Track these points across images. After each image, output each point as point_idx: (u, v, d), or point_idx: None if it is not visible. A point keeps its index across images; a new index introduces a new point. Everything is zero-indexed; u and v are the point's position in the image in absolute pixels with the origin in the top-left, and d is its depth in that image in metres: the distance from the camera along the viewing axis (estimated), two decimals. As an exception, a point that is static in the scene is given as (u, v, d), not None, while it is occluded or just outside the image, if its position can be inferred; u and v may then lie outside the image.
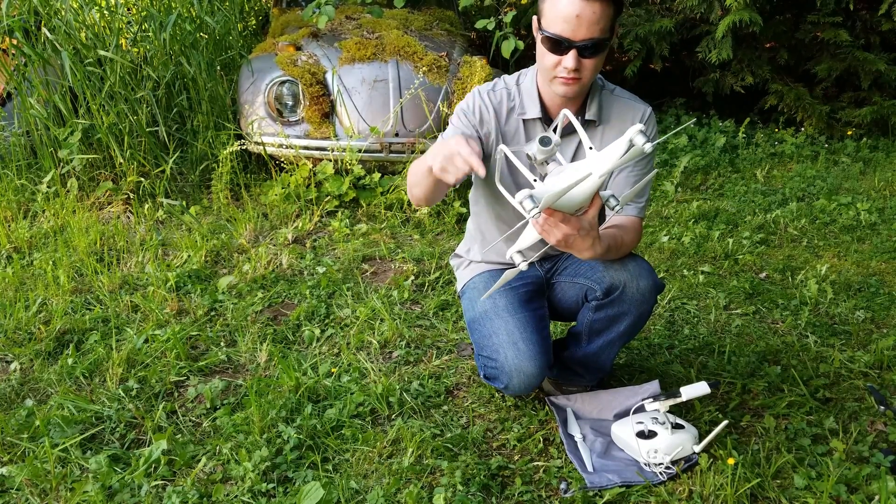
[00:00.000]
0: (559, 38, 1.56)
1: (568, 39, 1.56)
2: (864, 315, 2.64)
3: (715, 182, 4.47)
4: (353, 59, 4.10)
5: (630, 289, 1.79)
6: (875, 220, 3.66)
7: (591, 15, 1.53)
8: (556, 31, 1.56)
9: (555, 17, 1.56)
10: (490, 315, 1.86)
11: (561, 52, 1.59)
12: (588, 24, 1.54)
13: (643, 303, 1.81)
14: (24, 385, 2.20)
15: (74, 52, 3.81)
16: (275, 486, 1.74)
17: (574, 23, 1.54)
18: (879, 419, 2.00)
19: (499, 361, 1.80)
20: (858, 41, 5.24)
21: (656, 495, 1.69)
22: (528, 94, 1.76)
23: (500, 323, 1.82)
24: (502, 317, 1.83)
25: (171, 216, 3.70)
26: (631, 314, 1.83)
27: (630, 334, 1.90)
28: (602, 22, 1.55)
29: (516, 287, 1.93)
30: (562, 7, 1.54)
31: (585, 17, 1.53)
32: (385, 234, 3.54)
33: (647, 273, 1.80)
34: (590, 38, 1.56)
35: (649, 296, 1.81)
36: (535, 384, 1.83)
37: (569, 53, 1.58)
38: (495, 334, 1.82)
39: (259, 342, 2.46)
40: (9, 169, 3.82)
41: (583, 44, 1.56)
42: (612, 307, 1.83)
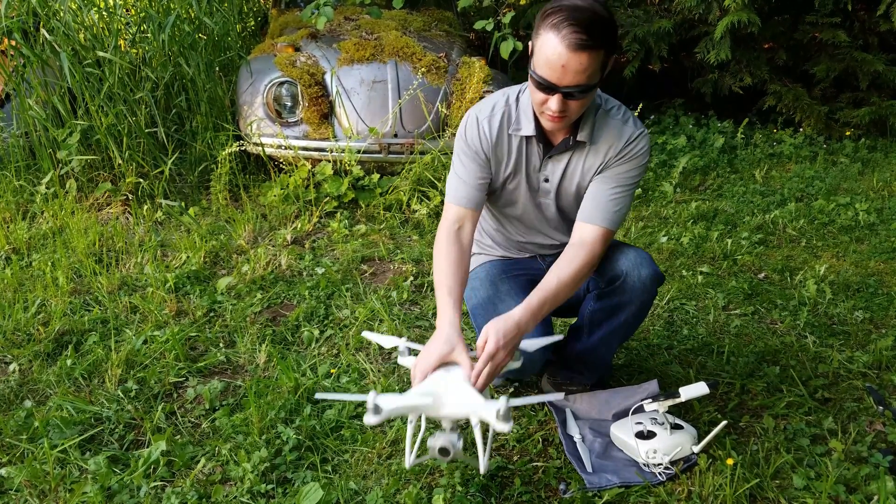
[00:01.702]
0: (545, 81, 1.56)
1: (553, 84, 1.55)
2: (863, 315, 2.64)
3: (714, 182, 4.47)
4: (352, 59, 4.11)
5: (632, 277, 1.81)
6: (873, 221, 3.66)
7: (578, 65, 1.51)
8: (543, 75, 1.56)
9: (543, 61, 1.54)
10: (493, 300, 1.89)
11: (546, 93, 1.59)
12: (574, 73, 1.53)
13: (644, 292, 1.83)
14: (22, 386, 2.20)
15: (73, 53, 3.81)
16: (274, 486, 1.73)
17: (560, 71, 1.53)
18: (878, 419, 2.00)
19: None
20: (857, 42, 5.25)
21: (655, 495, 1.69)
22: (525, 112, 1.76)
23: (503, 307, 1.84)
24: (506, 301, 1.86)
25: (169, 217, 3.70)
26: (633, 304, 1.84)
27: (631, 326, 1.92)
28: (589, 70, 1.52)
29: (518, 275, 1.97)
30: (549, 53, 1.52)
31: (571, 67, 1.52)
32: (384, 235, 3.54)
33: (649, 262, 1.83)
34: (575, 84, 1.54)
35: (650, 285, 1.83)
36: (536, 366, 1.87)
37: (554, 96, 1.58)
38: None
39: (258, 343, 2.46)
40: (7, 170, 3.82)
41: (568, 90, 1.56)
42: (614, 296, 1.85)
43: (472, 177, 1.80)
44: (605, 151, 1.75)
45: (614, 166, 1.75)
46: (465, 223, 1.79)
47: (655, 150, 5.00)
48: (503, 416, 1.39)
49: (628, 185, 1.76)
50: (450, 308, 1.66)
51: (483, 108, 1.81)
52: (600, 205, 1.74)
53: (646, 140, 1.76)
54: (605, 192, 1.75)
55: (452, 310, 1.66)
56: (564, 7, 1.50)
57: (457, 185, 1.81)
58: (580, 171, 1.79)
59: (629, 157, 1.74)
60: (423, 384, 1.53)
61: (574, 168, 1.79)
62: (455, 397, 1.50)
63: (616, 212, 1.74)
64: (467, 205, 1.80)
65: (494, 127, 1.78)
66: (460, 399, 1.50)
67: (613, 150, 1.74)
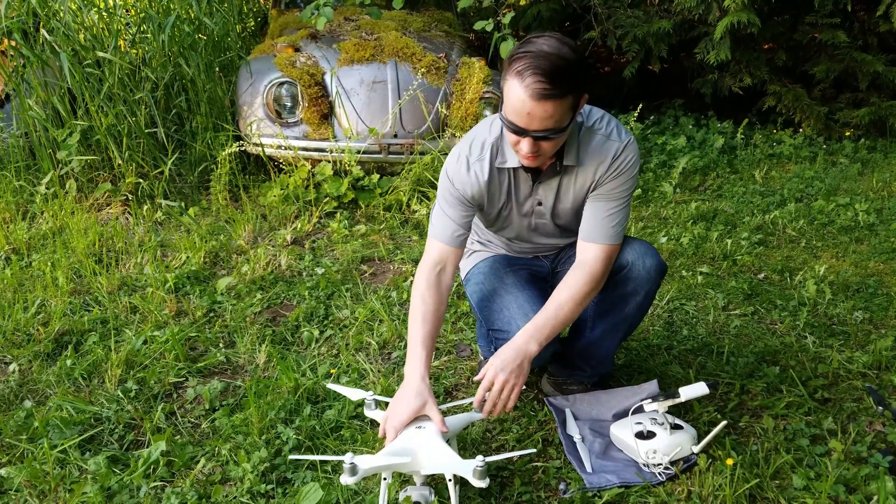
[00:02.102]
0: (514, 126, 1.56)
1: (522, 129, 1.55)
2: (863, 315, 2.64)
3: (713, 183, 4.47)
4: (352, 60, 4.11)
5: (637, 267, 1.82)
6: (873, 221, 3.66)
7: (543, 113, 1.50)
8: (512, 120, 1.55)
9: (510, 107, 1.54)
10: (499, 292, 1.90)
11: (518, 135, 1.58)
12: (541, 120, 1.52)
13: (649, 281, 1.84)
14: (22, 386, 2.20)
15: (73, 53, 3.81)
16: (274, 487, 1.73)
17: (527, 118, 1.52)
18: (878, 420, 2.00)
19: (511, 333, 1.81)
20: (856, 42, 5.25)
21: (655, 496, 1.69)
22: (509, 146, 1.75)
23: (509, 298, 1.87)
24: (511, 292, 1.87)
25: (169, 217, 3.70)
26: (638, 294, 1.85)
27: (634, 319, 1.92)
28: (556, 115, 1.52)
29: (521, 269, 1.98)
30: (514, 101, 1.52)
31: (537, 115, 1.51)
32: (384, 235, 3.54)
33: (653, 253, 1.85)
34: (543, 129, 1.54)
35: (655, 275, 1.84)
36: (544, 355, 1.86)
37: (525, 139, 1.57)
38: (506, 308, 1.86)
39: (258, 343, 2.46)
40: (7, 170, 3.82)
41: (537, 134, 1.55)
42: (620, 287, 1.86)
43: (457, 216, 1.81)
44: (594, 170, 1.74)
45: (606, 183, 1.74)
46: (447, 265, 1.82)
47: (655, 151, 5.00)
48: (480, 474, 1.45)
49: (623, 198, 1.76)
50: (421, 362, 1.70)
51: (472, 147, 1.78)
52: (598, 223, 1.75)
53: (632, 149, 1.74)
54: (602, 210, 1.75)
55: (423, 364, 1.70)
56: (530, 54, 1.49)
57: (443, 223, 1.82)
58: (573, 190, 1.80)
59: (619, 172, 1.73)
60: (398, 442, 1.57)
61: (566, 189, 1.80)
62: (431, 455, 1.54)
63: (614, 227, 1.76)
64: (451, 243, 1.82)
65: (486, 168, 1.77)
66: (437, 457, 1.54)
67: (602, 168, 1.73)
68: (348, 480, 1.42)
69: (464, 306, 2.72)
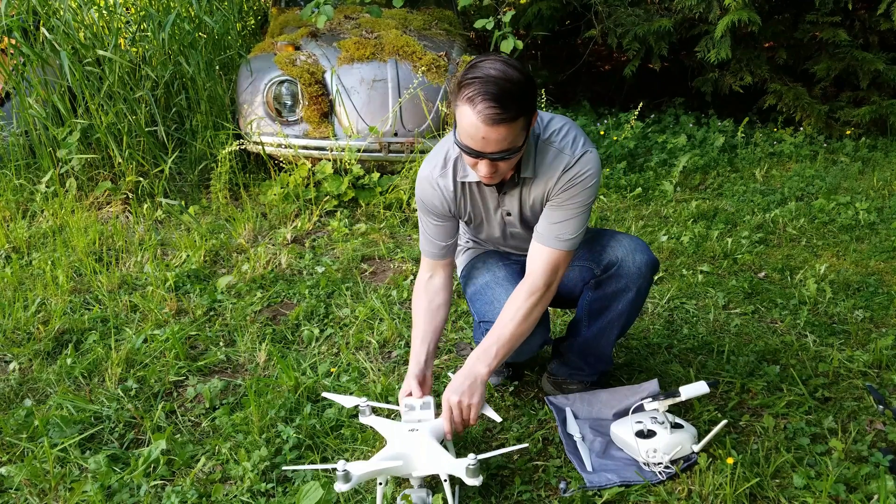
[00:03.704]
0: (469, 150, 1.57)
1: (478, 152, 1.56)
2: (863, 314, 2.64)
3: (714, 182, 4.47)
4: (352, 58, 4.10)
5: (627, 262, 1.84)
6: (874, 220, 3.66)
7: (497, 136, 1.52)
8: (467, 144, 1.57)
9: (462, 132, 1.56)
10: (491, 285, 1.92)
11: (474, 157, 1.59)
12: (496, 142, 1.53)
13: (640, 277, 1.85)
14: (22, 385, 2.20)
15: (73, 51, 3.81)
16: (274, 485, 1.73)
17: (481, 143, 1.54)
18: (878, 418, 2.00)
19: None
20: (857, 41, 5.25)
21: (655, 495, 1.69)
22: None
23: (500, 290, 1.89)
24: (503, 285, 1.89)
25: (169, 216, 3.70)
26: (630, 290, 1.86)
27: (629, 316, 1.93)
28: (510, 136, 1.53)
29: (514, 263, 2.00)
30: (467, 126, 1.53)
31: (492, 139, 1.52)
32: (384, 234, 3.54)
33: (643, 248, 1.86)
34: (499, 151, 1.56)
35: (646, 271, 1.85)
36: (535, 347, 1.91)
37: (482, 161, 1.59)
38: (497, 300, 1.87)
39: (258, 342, 2.46)
40: (7, 169, 3.82)
41: (493, 156, 1.57)
42: (611, 283, 1.87)
43: (436, 231, 1.88)
44: (545, 182, 1.74)
45: (557, 194, 1.74)
46: (437, 273, 1.92)
47: (656, 149, 5.00)
48: (472, 472, 1.47)
49: (575, 208, 1.74)
50: (422, 354, 1.82)
51: (434, 167, 1.81)
52: (548, 227, 1.76)
53: (585, 162, 1.70)
54: (553, 218, 1.75)
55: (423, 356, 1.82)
56: (478, 80, 1.50)
57: (426, 242, 1.91)
58: (531, 200, 1.81)
59: (570, 185, 1.71)
60: (391, 447, 1.60)
61: (527, 198, 1.81)
62: (425, 457, 1.57)
63: (563, 234, 1.74)
64: (439, 259, 1.91)
65: (450, 183, 1.80)
66: (430, 458, 1.56)
67: (552, 181, 1.73)
68: (342, 487, 1.43)
69: (463, 305, 2.72)
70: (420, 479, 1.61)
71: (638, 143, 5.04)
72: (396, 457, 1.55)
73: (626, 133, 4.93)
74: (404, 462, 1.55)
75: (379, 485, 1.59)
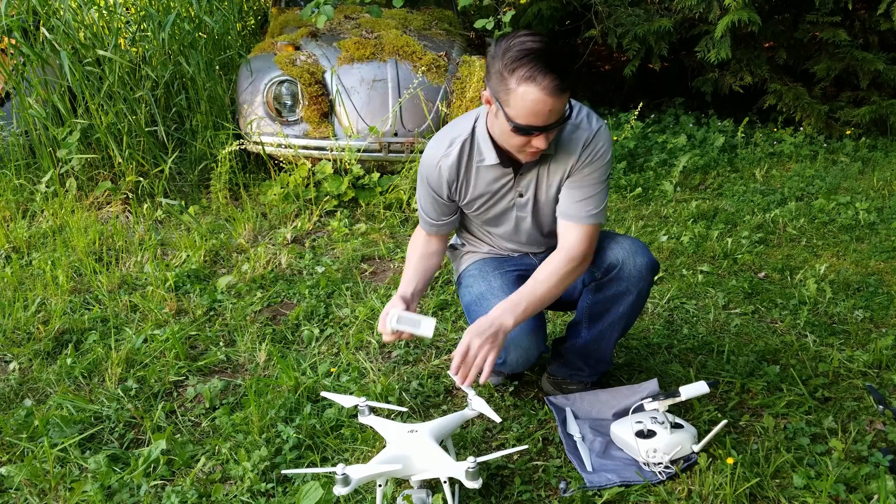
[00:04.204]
0: (531, 128, 1.60)
1: (539, 127, 1.60)
2: (863, 314, 2.64)
3: (714, 182, 4.47)
4: (352, 58, 4.10)
5: (628, 265, 1.83)
6: (874, 220, 3.66)
7: (561, 105, 1.58)
8: (528, 123, 1.59)
9: (525, 112, 1.57)
10: (486, 296, 1.91)
11: (531, 135, 1.62)
12: (558, 112, 1.59)
13: (641, 280, 1.85)
14: (22, 385, 2.20)
15: (73, 51, 3.81)
16: (274, 485, 1.73)
17: (546, 116, 1.57)
18: (878, 418, 2.00)
19: None
20: (857, 41, 5.25)
21: (655, 495, 1.69)
22: (484, 142, 1.79)
23: (496, 301, 1.86)
24: (498, 296, 1.87)
25: (169, 216, 3.70)
26: (630, 293, 1.86)
27: (629, 318, 1.92)
28: (566, 104, 1.61)
29: (510, 270, 1.98)
30: (532, 105, 1.56)
31: (557, 109, 1.57)
32: (384, 234, 3.54)
33: (644, 251, 1.86)
34: (558, 119, 1.61)
35: (647, 273, 1.85)
36: (531, 358, 1.88)
37: (540, 136, 1.62)
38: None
39: (258, 342, 2.46)
40: (7, 169, 3.82)
41: (551, 127, 1.61)
42: (612, 286, 1.86)
43: (432, 209, 1.91)
44: (567, 159, 1.77)
45: (579, 170, 1.78)
46: (432, 238, 1.98)
47: (656, 149, 4.99)
48: (472, 475, 1.46)
49: (597, 183, 1.79)
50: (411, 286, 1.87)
51: (441, 144, 1.84)
52: (574, 204, 1.79)
53: (602, 136, 1.77)
54: (577, 195, 1.79)
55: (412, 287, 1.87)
56: (528, 55, 1.53)
57: (423, 217, 1.95)
58: (546, 180, 1.83)
59: (590, 160, 1.76)
60: (390, 449, 1.59)
61: (543, 178, 1.83)
62: (423, 459, 1.56)
63: (590, 210, 1.78)
64: (433, 234, 1.96)
65: (453, 163, 1.82)
66: (429, 461, 1.56)
67: (574, 157, 1.76)
68: (341, 491, 1.43)
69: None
70: (419, 480, 1.61)
71: (638, 143, 5.04)
72: (396, 459, 1.55)
73: (626, 133, 4.93)
74: (403, 465, 1.55)
75: (378, 486, 1.59)
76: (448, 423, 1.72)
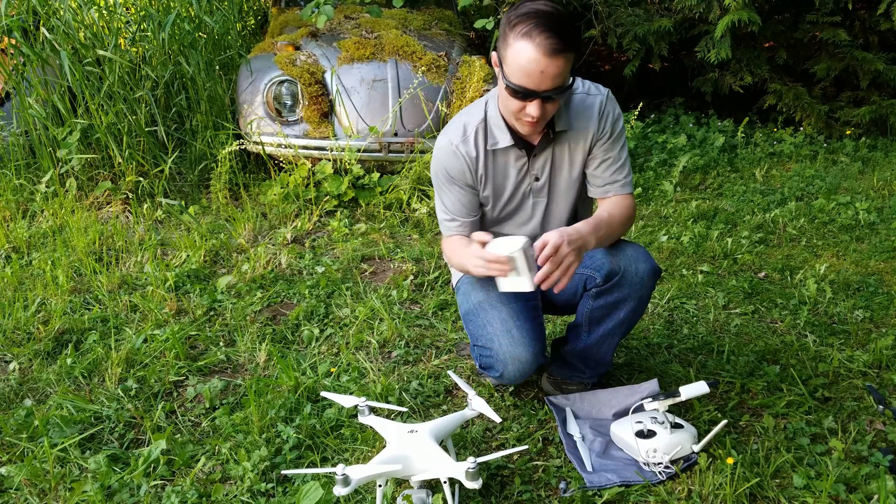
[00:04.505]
0: (523, 89, 1.58)
1: (532, 91, 1.58)
2: (863, 314, 2.64)
3: (714, 182, 4.47)
4: (352, 58, 4.10)
5: (629, 273, 1.81)
6: (874, 220, 3.66)
7: (555, 69, 1.55)
8: (520, 83, 1.58)
9: (518, 71, 1.57)
10: (484, 306, 1.89)
11: (524, 99, 1.61)
12: (552, 77, 1.56)
13: (642, 287, 1.84)
14: (22, 385, 2.20)
15: (73, 51, 3.81)
16: (274, 485, 1.73)
17: (538, 77, 1.56)
18: (878, 418, 2.00)
19: (493, 350, 1.83)
20: (857, 41, 5.25)
21: (655, 495, 1.69)
22: (497, 125, 1.79)
23: (494, 313, 1.85)
24: (496, 307, 1.86)
25: (169, 216, 3.70)
26: (631, 299, 1.84)
27: (630, 322, 1.91)
28: (565, 72, 1.57)
29: None
30: (524, 63, 1.55)
31: (549, 73, 1.55)
32: (384, 234, 3.54)
33: (645, 257, 1.84)
34: (553, 88, 1.58)
35: (648, 280, 1.84)
36: (529, 371, 1.86)
37: (533, 102, 1.61)
38: (490, 324, 1.85)
39: (258, 342, 2.46)
40: (7, 169, 3.82)
41: (546, 94, 1.59)
42: (613, 293, 1.85)
43: (465, 204, 1.85)
44: (585, 130, 1.78)
45: (602, 142, 1.79)
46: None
47: (656, 149, 5.00)
48: (472, 476, 1.46)
49: (622, 149, 1.83)
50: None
51: (454, 132, 1.82)
52: (609, 179, 1.82)
53: (612, 100, 1.81)
54: (609, 168, 1.81)
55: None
56: (531, 14, 1.53)
57: (455, 220, 1.87)
58: (567, 158, 1.82)
59: (610, 127, 1.79)
60: (390, 450, 1.59)
61: (560, 157, 1.82)
62: (424, 460, 1.56)
63: (625, 176, 1.83)
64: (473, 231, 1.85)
65: (471, 148, 1.81)
66: (429, 461, 1.56)
67: (594, 127, 1.78)
68: (341, 491, 1.43)
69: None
70: (420, 480, 1.61)
71: (638, 143, 5.04)
72: (395, 459, 1.55)
73: (626, 133, 4.93)
74: (403, 465, 1.55)
75: (378, 486, 1.59)
76: (448, 423, 1.71)
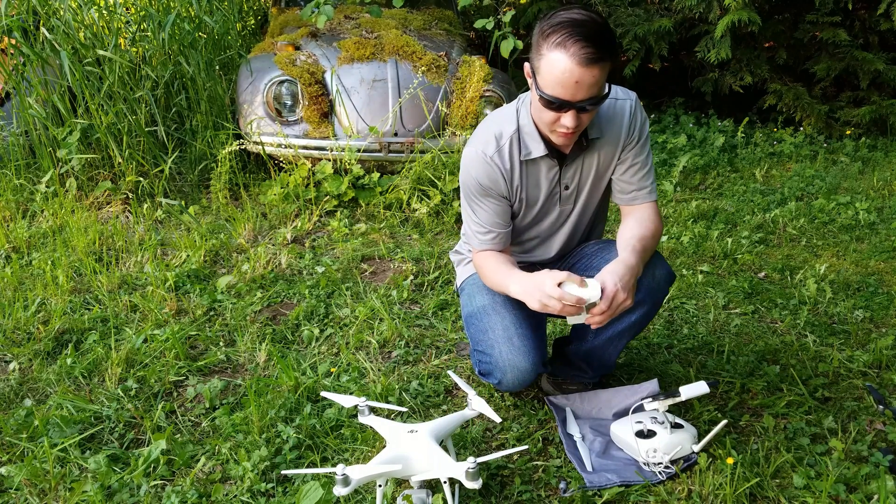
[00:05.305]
0: (557, 100, 1.55)
1: (567, 102, 1.55)
2: (863, 314, 2.64)
3: (714, 182, 4.47)
4: (352, 58, 4.10)
5: (646, 277, 1.80)
6: (874, 220, 3.66)
7: (591, 79, 1.51)
8: (554, 94, 1.55)
9: (553, 81, 1.53)
10: (487, 310, 1.87)
11: (559, 111, 1.58)
12: (587, 88, 1.53)
13: (658, 291, 1.83)
14: (22, 385, 2.20)
15: (73, 51, 3.81)
16: (274, 485, 1.73)
17: (573, 88, 1.52)
18: (878, 418, 2.00)
19: (493, 357, 1.81)
20: (857, 41, 5.25)
21: (655, 495, 1.69)
22: (530, 135, 1.74)
23: (496, 318, 1.83)
24: (499, 312, 1.84)
25: (169, 216, 3.70)
26: (646, 303, 1.83)
27: (640, 326, 1.90)
28: (600, 81, 1.53)
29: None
30: (559, 73, 1.51)
31: (585, 82, 1.51)
32: (384, 234, 3.54)
33: (662, 262, 1.84)
34: (588, 98, 1.55)
35: (664, 284, 1.84)
36: (528, 380, 1.84)
37: (567, 113, 1.58)
38: (491, 329, 1.84)
39: (258, 342, 2.46)
40: (7, 169, 3.82)
41: (581, 104, 1.56)
42: None
43: (502, 215, 1.81)
44: (617, 136, 1.77)
45: (631, 147, 1.78)
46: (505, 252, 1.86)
47: (656, 149, 5.00)
48: (472, 476, 1.46)
49: (647, 153, 1.82)
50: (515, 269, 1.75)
51: (487, 143, 1.76)
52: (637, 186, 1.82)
53: (639, 104, 1.80)
54: (636, 176, 1.81)
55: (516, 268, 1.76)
56: (566, 23, 1.50)
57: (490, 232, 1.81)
58: (596, 165, 1.80)
59: (639, 132, 1.78)
60: (390, 450, 1.59)
61: (590, 165, 1.80)
62: (423, 460, 1.56)
63: (651, 182, 1.84)
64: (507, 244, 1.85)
65: (506, 159, 1.76)
66: (429, 461, 1.56)
67: (624, 132, 1.76)
68: (341, 491, 1.43)
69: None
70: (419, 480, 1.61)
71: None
72: (395, 459, 1.55)
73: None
74: (403, 465, 1.55)
75: (378, 486, 1.59)
76: (448, 424, 1.71)
